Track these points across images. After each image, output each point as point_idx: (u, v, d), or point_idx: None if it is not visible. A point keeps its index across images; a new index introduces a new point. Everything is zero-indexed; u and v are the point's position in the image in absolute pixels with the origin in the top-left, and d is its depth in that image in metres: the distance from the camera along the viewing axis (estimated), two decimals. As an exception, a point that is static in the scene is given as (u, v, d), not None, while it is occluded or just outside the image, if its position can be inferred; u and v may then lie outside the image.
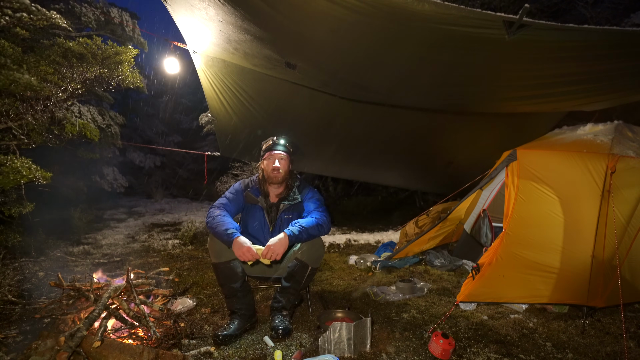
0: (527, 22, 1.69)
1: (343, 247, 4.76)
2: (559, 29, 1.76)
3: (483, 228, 3.62)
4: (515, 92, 2.80)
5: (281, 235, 2.04)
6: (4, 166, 2.53)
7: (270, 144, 2.37)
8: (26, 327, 2.12)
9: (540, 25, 1.71)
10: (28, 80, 2.61)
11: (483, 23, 1.79)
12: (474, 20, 1.78)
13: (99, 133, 3.96)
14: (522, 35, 1.77)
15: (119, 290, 2.11)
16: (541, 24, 1.70)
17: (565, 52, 2.05)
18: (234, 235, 2.02)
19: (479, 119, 4.12)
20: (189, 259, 3.99)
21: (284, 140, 2.38)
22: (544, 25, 1.72)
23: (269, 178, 2.33)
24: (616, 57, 2.05)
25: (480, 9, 1.71)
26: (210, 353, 1.89)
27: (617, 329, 2.23)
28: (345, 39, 2.37)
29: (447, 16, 1.80)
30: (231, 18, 2.50)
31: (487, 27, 1.81)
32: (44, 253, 3.99)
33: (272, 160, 2.31)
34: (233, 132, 4.84)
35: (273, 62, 3.09)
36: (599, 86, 2.50)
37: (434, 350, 1.88)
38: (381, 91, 3.34)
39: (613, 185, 2.43)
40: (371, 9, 1.89)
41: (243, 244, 1.97)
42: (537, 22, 1.70)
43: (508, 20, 1.71)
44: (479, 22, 1.79)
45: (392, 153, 5.12)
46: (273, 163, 2.30)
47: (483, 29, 1.83)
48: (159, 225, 6.71)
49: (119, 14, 6.15)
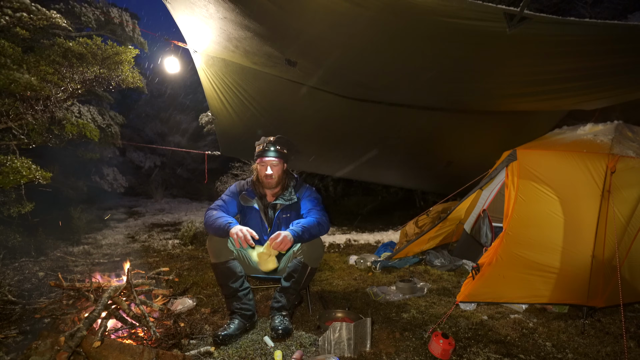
0: (528, 15, 1.69)
1: (343, 247, 4.76)
2: (559, 22, 1.76)
3: (483, 228, 3.62)
4: (515, 88, 2.80)
5: (287, 233, 2.05)
6: (3, 166, 2.53)
7: (261, 150, 2.31)
8: (26, 327, 2.12)
9: (541, 18, 1.71)
10: (28, 80, 2.61)
11: (484, 15, 1.78)
12: (475, 13, 1.77)
13: (99, 133, 3.97)
14: (523, 29, 1.76)
15: (119, 290, 2.11)
16: (542, 17, 1.70)
17: (566, 47, 2.04)
18: (231, 225, 2.06)
19: (479, 119, 4.11)
20: (189, 259, 3.98)
21: (275, 146, 2.30)
22: (544, 18, 1.72)
23: (263, 183, 2.34)
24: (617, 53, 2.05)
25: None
26: (210, 353, 1.89)
27: (617, 329, 2.23)
28: (345, 34, 2.37)
29: (448, 8, 1.79)
30: (231, 15, 2.49)
31: (488, 20, 1.80)
32: (44, 253, 3.99)
33: (264, 167, 2.29)
34: (233, 131, 4.85)
35: (273, 59, 3.09)
36: (599, 82, 2.49)
37: (434, 350, 1.88)
38: (381, 88, 3.33)
39: (613, 185, 2.43)
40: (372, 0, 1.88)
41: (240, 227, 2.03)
42: (538, 15, 1.70)
43: (509, 13, 1.70)
44: (480, 15, 1.78)
45: (393, 152, 5.12)
46: (265, 170, 2.29)
47: (484, 21, 1.82)
48: (159, 225, 6.71)
49: (119, 14, 6.15)
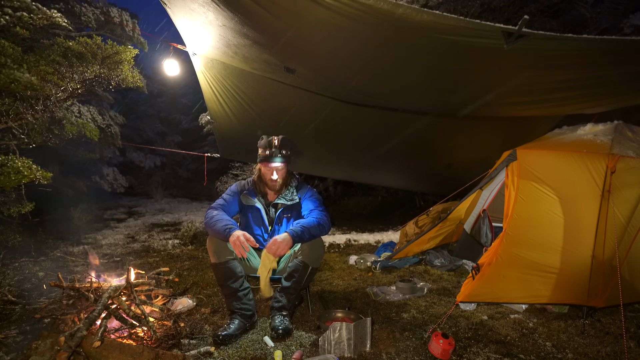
0: (526, 33, 1.68)
1: (343, 247, 4.76)
2: (557, 39, 1.76)
3: (483, 228, 3.62)
4: (515, 97, 2.80)
5: (285, 235, 2.05)
6: (5, 166, 2.53)
7: (267, 155, 2.27)
8: (26, 327, 2.12)
9: (539, 35, 1.71)
10: (28, 79, 2.60)
11: (482, 33, 1.79)
12: (473, 31, 1.79)
13: (98, 133, 3.97)
14: (521, 45, 1.77)
15: (119, 290, 2.11)
16: (540, 34, 1.70)
17: (564, 60, 2.05)
18: (231, 230, 2.04)
19: (479, 122, 4.11)
20: (189, 259, 3.98)
21: (280, 152, 2.27)
22: (542, 35, 1.72)
23: (267, 185, 2.35)
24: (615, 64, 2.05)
25: (479, 9, 1.71)
26: (210, 353, 1.89)
27: (617, 329, 2.23)
28: (344, 46, 2.37)
29: (446, 26, 1.81)
30: (230, 23, 2.49)
31: (486, 37, 1.81)
32: (44, 253, 3.99)
33: (270, 172, 2.30)
34: (232, 134, 4.84)
35: (272, 66, 3.09)
36: (599, 91, 2.50)
37: (434, 350, 1.88)
38: (381, 96, 3.34)
39: (613, 185, 2.43)
40: (371, 18, 1.89)
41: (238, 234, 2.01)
42: (535, 33, 1.69)
43: (507, 31, 1.71)
44: (478, 32, 1.80)
45: (392, 155, 5.11)
46: (271, 174, 2.30)
47: (482, 38, 1.83)
48: (159, 225, 6.70)
49: (118, 13, 6.15)
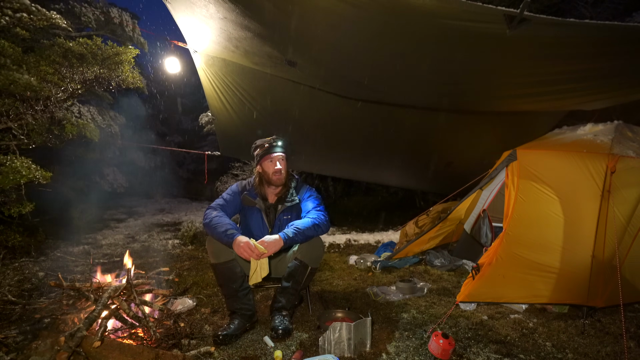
0: (528, 17, 1.68)
1: (343, 247, 4.76)
2: (559, 24, 1.75)
3: (483, 228, 3.62)
4: (515, 89, 2.80)
5: (276, 237, 2.05)
6: (3, 166, 2.53)
7: (269, 147, 2.30)
8: (26, 327, 2.12)
9: (541, 19, 1.70)
10: (28, 80, 2.61)
11: (484, 17, 1.78)
12: (475, 14, 1.77)
13: (98, 133, 3.97)
14: (523, 31, 1.76)
15: (119, 290, 2.11)
16: (542, 18, 1.70)
17: (566, 49, 2.04)
18: (234, 236, 2.03)
19: (479, 119, 4.11)
20: (189, 259, 3.98)
21: (281, 141, 2.32)
22: (544, 20, 1.71)
23: (272, 181, 2.31)
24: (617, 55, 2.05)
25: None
26: (210, 353, 1.88)
27: (617, 329, 2.23)
28: (345, 34, 2.37)
29: (448, 10, 1.79)
30: (231, 15, 2.50)
31: (488, 22, 1.80)
32: (44, 253, 3.99)
33: (274, 162, 2.28)
34: (233, 131, 4.85)
35: (273, 59, 3.09)
36: (601, 83, 2.50)
37: (434, 350, 1.88)
38: (381, 89, 3.33)
39: (613, 185, 2.43)
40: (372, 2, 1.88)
41: (242, 241, 1.99)
42: (538, 17, 1.69)
43: (509, 14, 1.70)
44: (480, 16, 1.78)
45: (392, 153, 5.12)
46: (275, 165, 2.28)
47: (484, 23, 1.82)
48: (159, 225, 6.71)
49: (119, 14, 6.16)
